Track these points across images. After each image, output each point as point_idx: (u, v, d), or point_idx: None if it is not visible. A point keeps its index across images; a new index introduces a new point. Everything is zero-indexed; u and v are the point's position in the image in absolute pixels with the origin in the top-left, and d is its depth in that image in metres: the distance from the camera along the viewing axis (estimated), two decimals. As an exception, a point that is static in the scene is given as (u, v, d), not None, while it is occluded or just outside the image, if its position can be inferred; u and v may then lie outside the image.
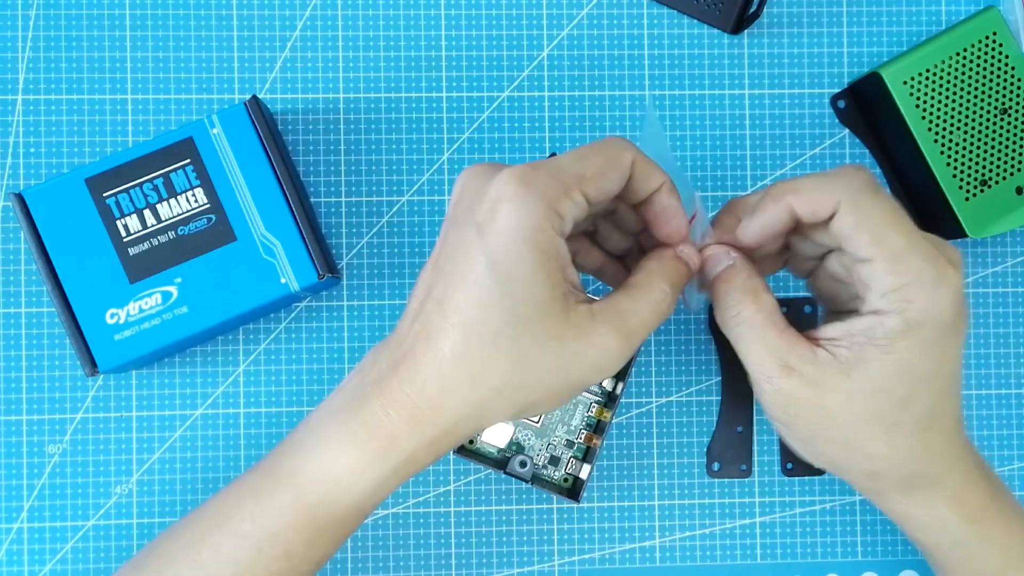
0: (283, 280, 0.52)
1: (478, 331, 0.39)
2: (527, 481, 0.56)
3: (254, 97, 0.52)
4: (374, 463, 0.42)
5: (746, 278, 0.43)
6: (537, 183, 0.39)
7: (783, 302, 0.59)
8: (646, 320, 0.41)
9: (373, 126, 0.59)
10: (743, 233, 0.44)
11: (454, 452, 0.56)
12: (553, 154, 0.56)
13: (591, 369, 0.41)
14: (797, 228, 0.44)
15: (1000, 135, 0.57)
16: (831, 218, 0.42)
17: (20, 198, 0.52)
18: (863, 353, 0.41)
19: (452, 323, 0.40)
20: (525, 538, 0.59)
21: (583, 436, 0.57)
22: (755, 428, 0.60)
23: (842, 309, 0.45)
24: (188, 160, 0.52)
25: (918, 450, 0.44)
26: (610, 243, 0.47)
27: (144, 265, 0.52)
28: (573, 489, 0.57)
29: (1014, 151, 0.57)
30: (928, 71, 0.56)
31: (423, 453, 0.42)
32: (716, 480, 0.59)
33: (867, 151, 0.60)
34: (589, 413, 0.57)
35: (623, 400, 0.59)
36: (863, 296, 0.42)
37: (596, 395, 0.57)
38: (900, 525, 0.49)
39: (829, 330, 0.43)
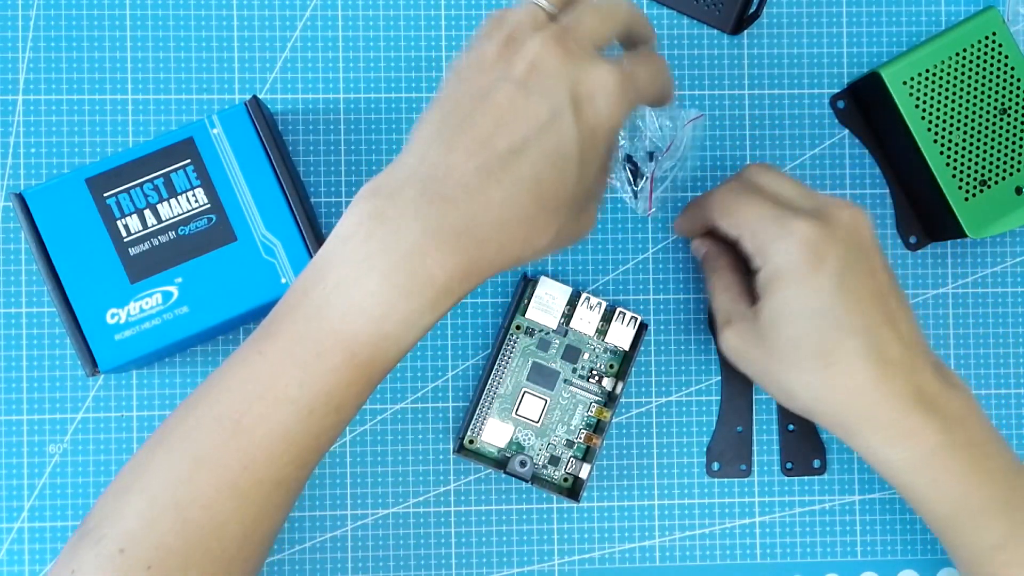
0: (283, 280, 0.52)
1: (549, 199, 0.43)
2: (527, 481, 0.56)
3: (254, 97, 0.53)
4: (426, 314, 0.42)
5: (713, 258, 0.55)
6: (632, 86, 0.44)
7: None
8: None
9: (373, 126, 0.59)
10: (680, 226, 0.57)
11: (454, 452, 0.56)
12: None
13: (575, 242, 0.50)
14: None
15: (1000, 135, 0.57)
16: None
17: (21, 198, 0.52)
18: (759, 304, 0.50)
19: (526, 185, 0.42)
20: (525, 538, 0.59)
21: (583, 436, 0.57)
22: (755, 428, 0.60)
23: None
24: (188, 160, 0.52)
25: (823, 386, 0.49)
26: None
27: (144, 265, 0.52)
28: (573, 489, 0.57)
29: (1014, 151, 0.57)
30: (928, 71, 0.57)
31: (461, 297, 0.44)
32: (716, 480, 0.60)
33: (866, 151, 0.60)
34: (589, 413, 0.57)
35: (623, 400, 0.59)
36: None
37: (596, 395, 0.57)
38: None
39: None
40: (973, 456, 0.49)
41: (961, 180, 0.57)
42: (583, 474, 0.56)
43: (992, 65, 0.57)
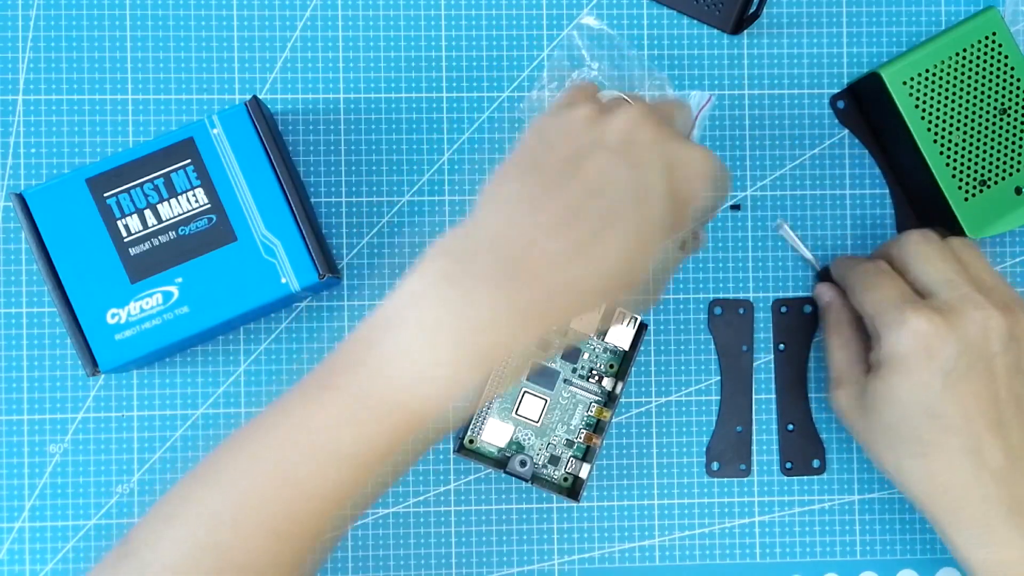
0: (283, 280, 0.52)
1: (631, 275, 0.42)
2: (527, 480, 0.56)
3: (254, 97, 0.53)
4: (480, 370, 0.41)
5: (837, 310, 0.56)
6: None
7: (784, 302, 0.59)
8: None
9: (373, 126, 0.59)
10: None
11: (454, 452, 0.56)
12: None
13: None
14: None
15: (1000, 135, 0.57)
16: None
17: (21, 198, 0.52)
18: (870, 377, 0.51)
19: (611, 262, 0.41)
20: (525, 537, 0.59)
21: (583, 436, 0.57)
22: (755, 428, 0.60)
23: None
24: (189, 160, 0.52)
25: (918, 473, 0.49)
26: None
27: (145, 265, 0.52)
28: (573, 488, 0.57)
29: (1013, 151, 0.57)
30: (928, 71, 0.57)
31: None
32: (715, 479, 0.60)
33: (867, 151, 0.60)
34: (589, 413, 0.57)
35: (623, 400, 0.59)
36: None
37: (596, 395, 0.57)
38: None
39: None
40: None
41: (961, 180, 0.57)
42: (583, 474, 0.56)
43: (992, 65, 0.57)
